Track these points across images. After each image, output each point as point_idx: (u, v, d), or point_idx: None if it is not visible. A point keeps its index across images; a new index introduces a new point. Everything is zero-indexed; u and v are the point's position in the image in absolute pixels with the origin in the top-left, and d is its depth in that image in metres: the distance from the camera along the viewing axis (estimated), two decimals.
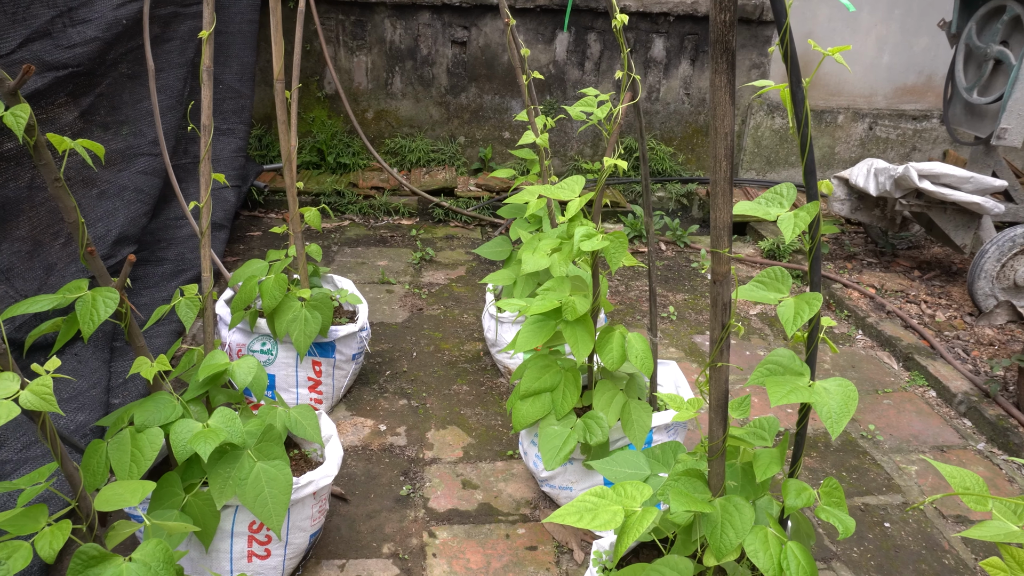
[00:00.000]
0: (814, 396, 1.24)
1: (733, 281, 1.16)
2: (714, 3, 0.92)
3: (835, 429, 1.22)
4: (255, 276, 2.38)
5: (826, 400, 1.24)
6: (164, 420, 1.61)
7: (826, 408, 1.23)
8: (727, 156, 1.03)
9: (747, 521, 1.34)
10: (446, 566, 1.99)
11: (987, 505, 0.88)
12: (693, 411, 1.43)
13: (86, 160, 1.73)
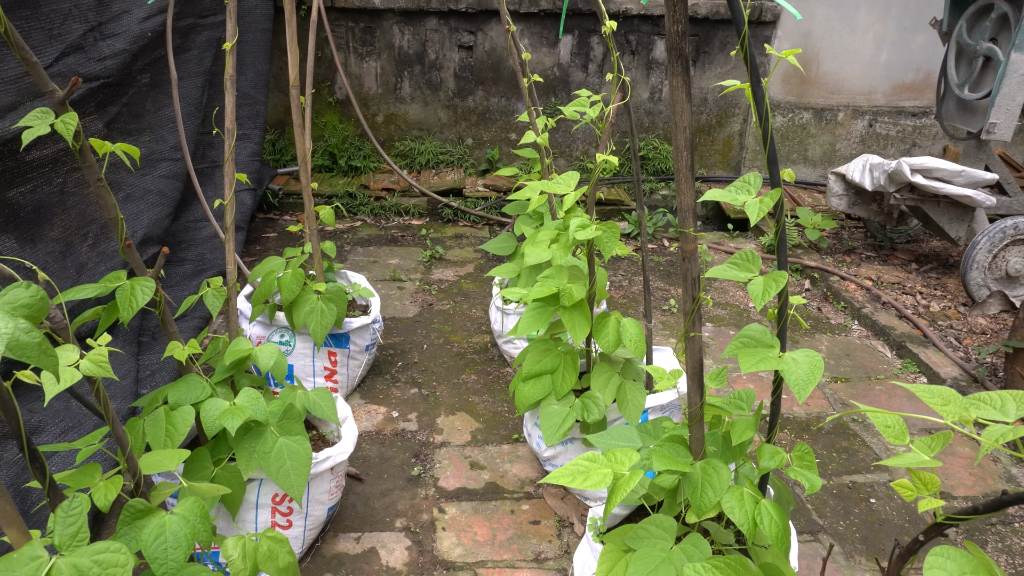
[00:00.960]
0: (782, 364, 1.36)
1: (700, 257, 1.29)
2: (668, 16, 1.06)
3: (801, 395, 1.34)
4: (273, 272, 2.53)
5: (793, 369, 1.37)
6: (195, 399, 1.76)
7: (793, 376, 1.36)
8: (687, 147, 1.16)
9: (724, 481, 1.46)
10: (454, 538, 2.13)
11: (905, 439, 1.01)
12: (672, 381, 1.55)
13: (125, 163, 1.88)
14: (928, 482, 0.94)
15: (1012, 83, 3.41)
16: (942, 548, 0.84)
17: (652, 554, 1.48)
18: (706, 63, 5.02)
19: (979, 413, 0.89)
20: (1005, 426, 0.84)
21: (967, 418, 0.90)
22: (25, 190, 2.39)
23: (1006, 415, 0.88)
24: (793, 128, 5.21)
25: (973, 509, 0.92)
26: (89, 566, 0.93)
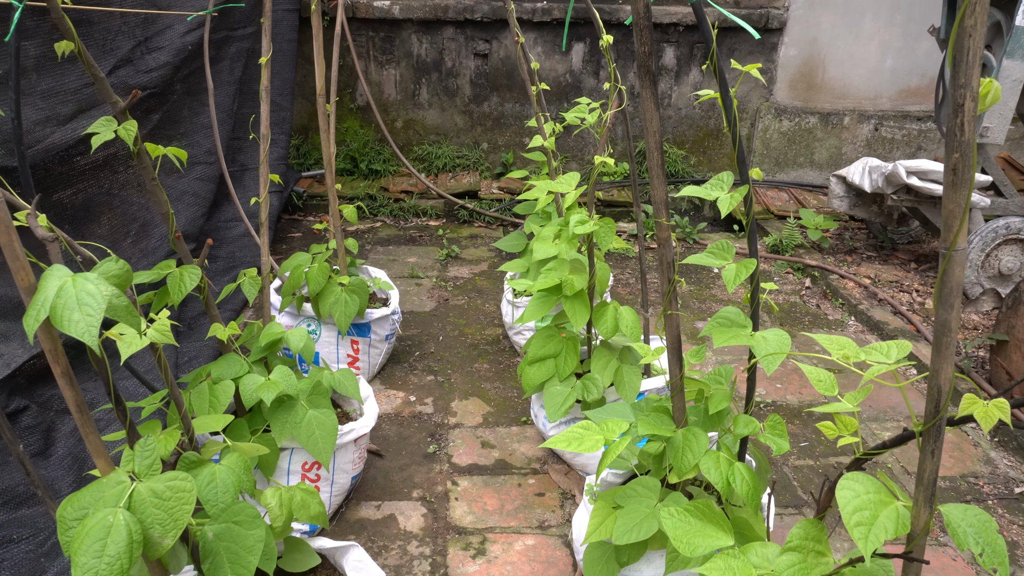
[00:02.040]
0: (751, 340, 1.55)
1: (673, 243, 1.47)
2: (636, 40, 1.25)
3: (769, 368, 1.52)
4: (301, 266, 2.75)
5: (762, 344, 1.55)
6: (234, 375, 1.97)
7: (762, 350, 1.54)
8: (657, 148, 1.35)
9: (703, 446, 1.65)
10: (466, 507, 2.32)
11: (834, 391, 1.19)
12: (655, 356, 1.74)
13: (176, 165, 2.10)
14: (848, 424, 1.11)
15: (1004, 89, 3.55)
16: (852, 473, 1.02)
17: (638, 510, 1.66)
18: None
19: (869, 357, 1.07)
20: (884, 364, 1.02)
21: (851, 357, 1.08)
22: (76, 191, 2.63)
23: (888, 358, 1.06)
24: (800, 132, 5.36)
25: (882, 444, 1.10)
26: (163, 490, 1.14)
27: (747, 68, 1.42)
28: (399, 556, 2.13)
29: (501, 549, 2.17)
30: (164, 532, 1.13)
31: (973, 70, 0.79)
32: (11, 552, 1.92)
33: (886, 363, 1.04)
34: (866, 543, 0.93)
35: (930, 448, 0.95)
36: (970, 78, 0.79)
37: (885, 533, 0.94)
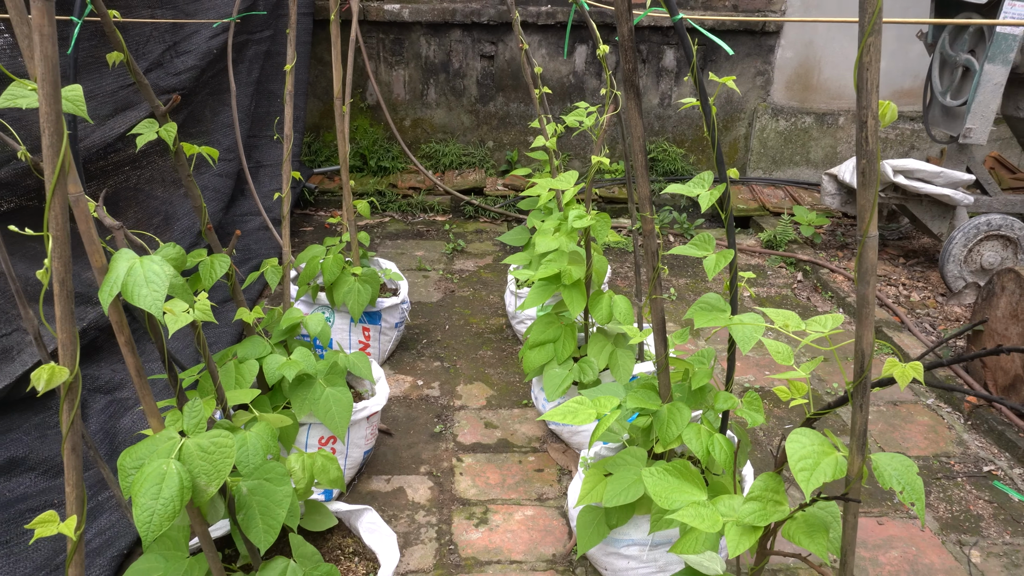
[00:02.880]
0: (729, 323, 1.71)
1: (657, 234, 1.64)
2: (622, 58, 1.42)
3: (745, 347, 1.69)
4: (316, 257, 2.93)
5: (739, 327, 1.71)
6: (258, 355, 2.15)
7: (739, 332, 1.70)
8: (641, 150, 1.52)
9: (686, 418, 1.82)
10: (470, 481, 2.50)
11: (790, 361, 1.35)
12: (643, 336, 1.91)
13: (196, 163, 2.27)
14: (799, 388, 1.28)
15: (986, 91, 3.71)
16: (800, 429, 1.19)
17: (626, 476, 1.84)
18: (713, 70, 5.35)
19: (809, 327, 1.24)
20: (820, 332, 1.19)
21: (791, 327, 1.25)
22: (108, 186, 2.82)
23: (824, 328, 1.23)
24: (796, 132, 5.52)
25: (827, 405, 1.26)
26: (208, 444, 1.31)
27: (723, 80, 1.59)
28: (408, 524, 2.31)
29: (502, 519, 2.35)
30: (209, 481, 1.31)
31: (872, 96, 0.95)
32: None
33: (821, 332, 1.21)
34: (808, 484, 1.11)
35: (859, 403, 1.11)
36: (870, 102, 0.95)
37: (824, 476, 1.11)
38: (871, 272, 1.03)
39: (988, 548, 2.31)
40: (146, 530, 1.21)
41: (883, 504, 2.49)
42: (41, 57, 0.89)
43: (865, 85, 0.95)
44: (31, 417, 2.28)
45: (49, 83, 0.91)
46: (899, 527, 2.39)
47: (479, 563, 2.17)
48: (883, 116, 0.97)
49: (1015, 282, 2.83)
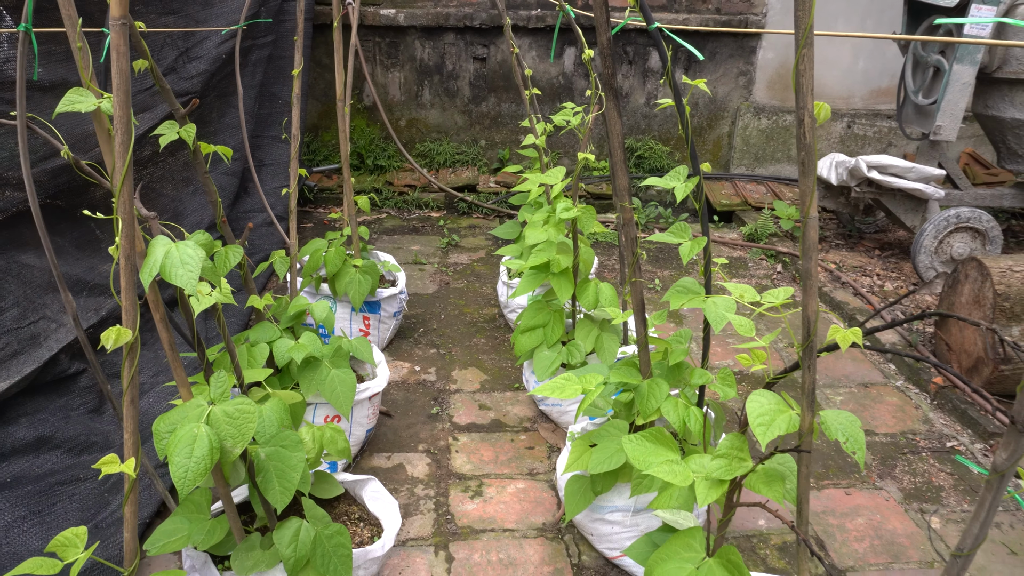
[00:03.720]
0: (703, 304, 1.88)
1: (635, 223, 1.81)
2: (602, 63, 1.58)
3: (717, 326, 1.86)
4: (319, 250, 3.09)
5: (711, 307, 1.88)
6: (268, 339, 2.31)
7: (711, 312, 1.87)
8: (620, 145, 1.69)
9: (664, 392, 1.99)
10: (465, 458, 2.67)
11: (752, 332, 1.52)
12: (624, 317, 2.08)
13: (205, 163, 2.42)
14: (759, 356, 1.45)
15: (955, 90, 3.90)
16: (759, 391, 1.36)
17: (609, 446, 2.01)
18: (696, 71, 5.53)
19: (764, 299, 1.41)
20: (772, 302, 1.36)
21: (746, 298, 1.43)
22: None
23: (776, 299, 1.40)
24: (777, 130, 5.71)
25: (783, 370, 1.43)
26: (232, 411, 1.48)
27: (695, 82, 1.76)
28: (407, 496, 2.48)
29: (495, 491, 2.51)
30: (234, 443, 1.47)
31: (807, 97, 1.12)
32: (79, 488, 2.26)
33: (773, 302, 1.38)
34: (764, 436, 1.27)
35: (807, 364, 1.28)
36: (807, 103, 1.12)
37: (779, 430, 1.28)
38: (813, 248, 1.20)
39: (947, 515, 2.50)
40: (182, 484, 1.38)
41: (851, 477, 2.67)
42: (117, 70, 1.05)
43: (802, 88, 1.12)
44: (55, 400, 2.44)
45: (123, 91, 1.07)
46: (865, 497, 2.57)
47: (474, 531, 2.34)
48: (818, 115, 1.14)
49: (977, 270, 3.02)
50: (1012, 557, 2.31)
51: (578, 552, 2.27)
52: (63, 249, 2.72)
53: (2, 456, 2.19)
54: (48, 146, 2.50)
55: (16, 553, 1.96)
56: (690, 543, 1.54)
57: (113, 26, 1.07)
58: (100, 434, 2.49)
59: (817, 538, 2.39)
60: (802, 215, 1.19)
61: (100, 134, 1.32)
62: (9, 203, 2.36)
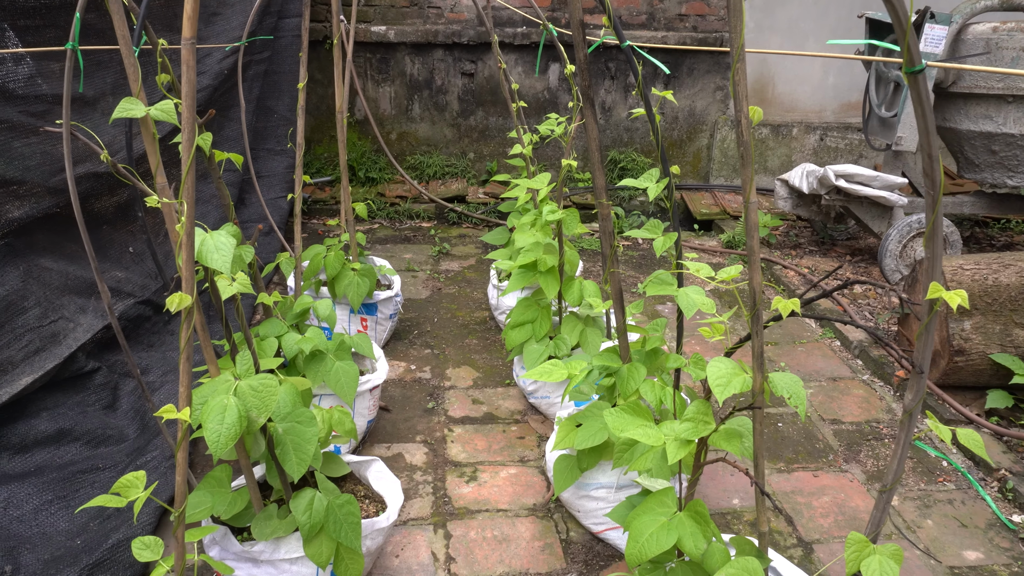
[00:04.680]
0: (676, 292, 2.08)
1: (612, 218, 2.01)
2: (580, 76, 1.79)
3: (688, 312, 2.06)
4: (319, 254, 3.27)
5: (683, 296, 2.08)
6: (276, 334, 2.49)
7: (684, 300, 2.07)
8: (597, 149, 1.89)
9: (642, 375, 2.18)
10: (460, 447, 2.85)
11: (713, 310, 1.72)
12: (606, 306, 2.27)
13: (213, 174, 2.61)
14: (718, 329, 1.65)
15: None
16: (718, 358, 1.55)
17: (593, 424, 2.20)
18: (676, 86, 5.78)
19: (719, 275, 1.61)
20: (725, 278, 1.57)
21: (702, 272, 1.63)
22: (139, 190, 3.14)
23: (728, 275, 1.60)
24: (754, 142, 5.96)
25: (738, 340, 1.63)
26: (256, 385, 1.65)
27: (663, 94, 1.96)
28: (407, 482, 2.65)
29: (489, 476, 2.69)
30: (259, 412, 1.65)
31: (743, 103, 1.32)
32: (99, 477, 2.41)
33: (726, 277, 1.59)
34: (722, 394, 1.46)
35: (755, 331, 1.48)
36: (743, 107, 1.32)
37: (734, 388, 1.47)
38: (754, 228, 1.41)
39: (905, 494, 2.70)
40: (215, 446, 1.55)
41: (819, 461, 2.87)
42: (186, 81, 1.25)
43: (738, 95, 1.33)
44: (73, 396, 2.60)
45: (189, 97, 1.26)
46: (831, 479, 2.77)
47: (470, 512, 2.51)
48: (753, 117, 1.34)
49: None
50: (963, 529, 2.52)
51: (566, 528, 2.45)
52: (77, 255, 2.88)
53: (27, 447, 2.35)
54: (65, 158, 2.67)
55: (45, 533, 2.12)
56: (663, 500, 1.73)
57: (184, 44, 1.26)
58: (115, 428, 2.65)
59: (786, 514, 2.58)
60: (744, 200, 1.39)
61: (146, 137, 1.50)
62: (32, 211, 2.53)
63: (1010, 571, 2.33)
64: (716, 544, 1.71)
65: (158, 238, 3.31)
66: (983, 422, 2.98)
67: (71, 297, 2.72)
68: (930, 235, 1.25)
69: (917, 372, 1.34)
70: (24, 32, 2.49)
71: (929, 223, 1.24)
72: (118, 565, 2.04)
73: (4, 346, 2.31)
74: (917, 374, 1.34)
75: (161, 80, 2.04)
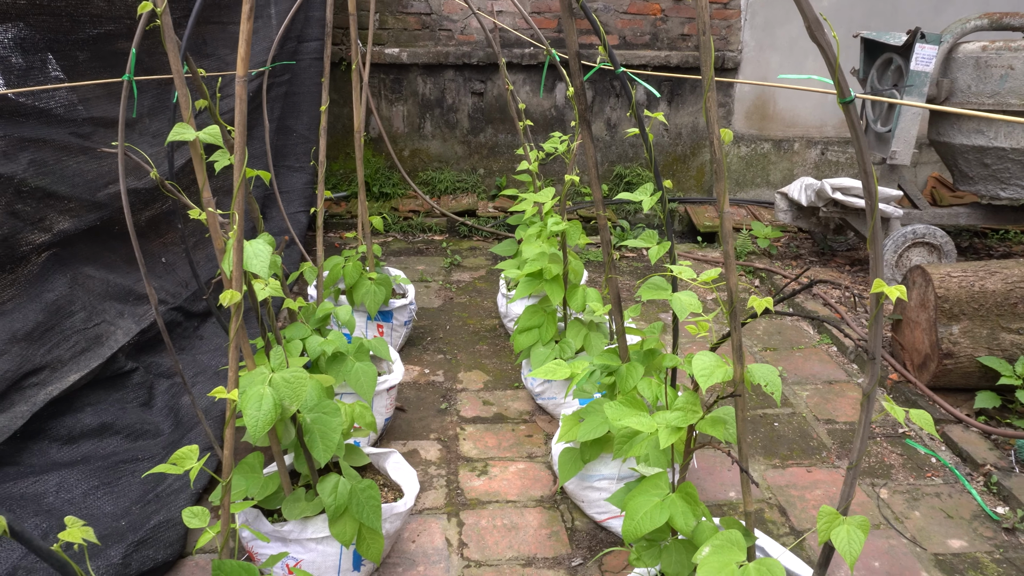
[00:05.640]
0: (670, 297, 2.26)
1: (609, 228, 2.19)
2: (577, 100, 1.98)
3: (681, 315, 2.23)
4: (338, 265, 3.47)
5: (677, 300, 2.26)
6: (301, 336, 2.68)
7: (677, 304, 2.24)
8: (594, 165, 2.08)
9: (639, 373, 2.36)
10: (472, 444, 3.02)
11: (699, 309, 1.89)
12: (606, 309, 2.45)
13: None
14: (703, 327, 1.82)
15: (907, 120, 4.33)
16: (703, 351, 1.72)
17: (595, 419, 2.37)
18: (679, 104, 5.98)
19: (700, 277, 1.79)
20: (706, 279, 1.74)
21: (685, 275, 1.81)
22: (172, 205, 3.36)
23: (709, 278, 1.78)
24: (756, 156, 6.14)
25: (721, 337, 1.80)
26: (289, 377, 1.84)
27: (655, 115, 2.15)
28: (422, 475, 2.83)
29: (499, 471, 2.86)
30: (291, 401, 1.83)
31: (715, 125, 1.51)
32: (139, 467, 2.61)
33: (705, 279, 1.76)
34: (705, 383, 1.63)
35: (735, 326, 1.65)
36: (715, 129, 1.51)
37: (716, 378, 1.64)
38: (729, 235, 1.58)
39: (895, 488, 2.85)
40: (253, 430, 1.74)
41: (812, 457, 3.02)
42: (239, 112, 1.45)
43: (710, 118, 1.51)
44: (113, 393, 2.80)
45: (241, 124, 1.47)
46: (824, 474, 2.92)
47: (481, 502, 2.69)
48: (725, 138, 1.52)
49: (922, 277, 3.40)
50: (948, 519, 2.67)
51: (571, 518, 2.62)
52: (115, 264, 3.09)
53: (74, 438, 2.55)
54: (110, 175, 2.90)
55: (93, 515, 2.31)
56: (657, 483, 1.90)
57: (238, 81, 1.47)
58: (151, 424, 2.84)
59: (780, 506, 2.74)
60: (719, 211, 1.57)
61: (195, 157, 1.71)
62: (79, 223, 2.75)
63: (991, 557, 2.48)
64: (705, 522, 1.88)
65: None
66: (971, 421, 3.12)
67: (111, 303, 2.93)
68: (872, 237, 1.43)
69: (870, 358, 1.51)
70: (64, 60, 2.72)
71: (870, 227, 1.41)
72: (159, 543, 2.22)
73: (54, 346, 2.51)
74: (873, 361, 1.51)
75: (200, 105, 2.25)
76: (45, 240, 2.61)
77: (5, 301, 2.48)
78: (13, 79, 2.56)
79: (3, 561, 2.00)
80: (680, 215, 5.84)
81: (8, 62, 2.54)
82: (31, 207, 2.53)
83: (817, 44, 1.30)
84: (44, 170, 2.56)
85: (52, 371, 2.50)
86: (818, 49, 1.28)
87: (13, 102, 2.44)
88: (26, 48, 2.58)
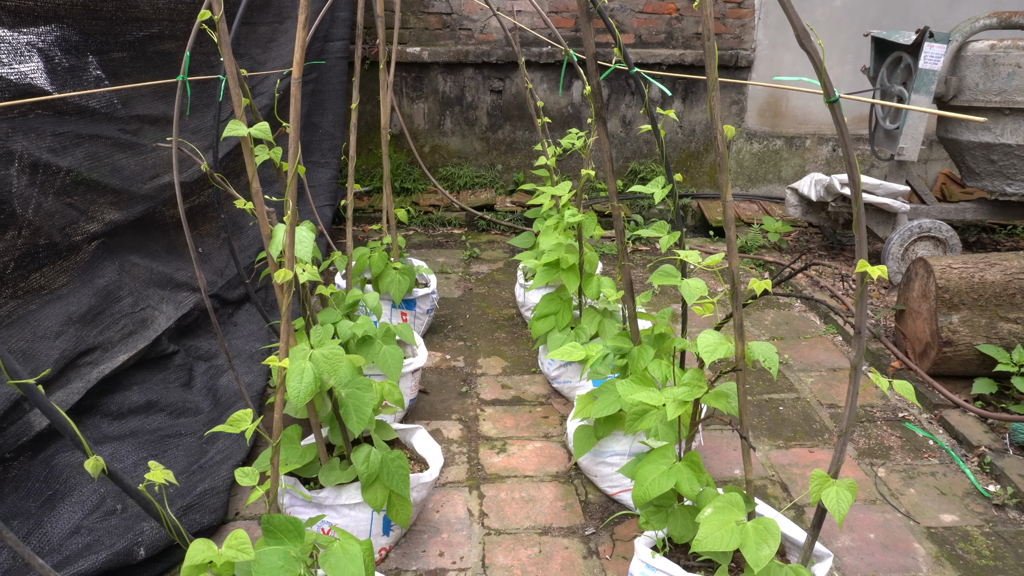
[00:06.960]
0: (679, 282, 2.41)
1: (622, 219, 2.36)
2: (593, 99, 2.14)
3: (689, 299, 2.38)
4: (364, 255, 3.65)
5: (686, 285, 2.42)
6: (332, 320, 2.86)
7: (686, 289, 2.39)
8: (609, 159, 2.24)
9: (650, 355, 2.51)
10: (491, 425, 3.20)
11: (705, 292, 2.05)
12: (619, 295, 2.61)
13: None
14: (707, 307, 1.97)
15: (914, 117, 4.45)
16: (707, 330, 1.88)
17: (608, 397, 2.54)
18: (693, 101, 6.12)
19: (705, 261, 1.95)
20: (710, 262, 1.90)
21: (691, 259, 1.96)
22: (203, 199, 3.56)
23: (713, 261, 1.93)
24: (768, 153, 6.26)
25: (725, 318, 1.96)
26: (327, 353, 2.02)
27: (666, 113, 2.30)
28: (445, 452, 3.00)
29: (517, 449, 3.04)
30: (329, 375, 2.01)
31: (718, 122, 1.66)
32: (183, 441, 2.80)
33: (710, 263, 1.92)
34: (708, 358, 1.79)
35: (735, 306, 1.81)
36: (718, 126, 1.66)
37: (719, 354, 1.80)
38: (731, 222, 1.74)
39: (892, 467, 2.99)
40: (296, 400, 1.92)
41: (815, 439, 3.17)
42: (293, 110, 1.63)
43: (714, 115, 1.67)
44: (157, 374, 3.00)
45: (296, 121, 1.65)
46: (825, 454, 3.07)
47: (500, 477, 2.86)
48: (728, 134, 1.68)
49: (924, 268, 3.53)
50: (942, 496, 2.81)
51: (585, 492, 2.79)
52: (156, 253, 3.30)
53: (123, 414, 2.75)
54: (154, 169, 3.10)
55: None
56: (665, 453, 2.06)
57: (293, 83, 1.65)
58: (192, 403, 3.04)
59: (782, 483, 2.89)
60: (722, 200, 1.73)
61: (245, 150, 1.89)
62: (127, 215, 2.95)
63: (981, 531, 2.62)
64: (709, 489, 2.04)
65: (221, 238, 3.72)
66: (968, 406, 3.25)
67: (154, 289, 3.13)
68: (856, 221, 1.58)
69: (856, 333, 1.66)
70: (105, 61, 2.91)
71: (855, 213, 1.56)
72: (205, 509, 2.42)
73: (105, 328, 2.71)
74: (859, 336, 1.67)
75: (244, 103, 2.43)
76: (96, 230, 2.81)
77: (61, 286, 2.68)
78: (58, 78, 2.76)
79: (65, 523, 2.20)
80: (693, 210, 5.98)
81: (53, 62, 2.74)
82: (85, 199, 2.73)
83: (805, 50, 1.45)
84: (96, 164, 2.76)
85: (103, 351, 2.70)
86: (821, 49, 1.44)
87: (72, 102, 2.64)
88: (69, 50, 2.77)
